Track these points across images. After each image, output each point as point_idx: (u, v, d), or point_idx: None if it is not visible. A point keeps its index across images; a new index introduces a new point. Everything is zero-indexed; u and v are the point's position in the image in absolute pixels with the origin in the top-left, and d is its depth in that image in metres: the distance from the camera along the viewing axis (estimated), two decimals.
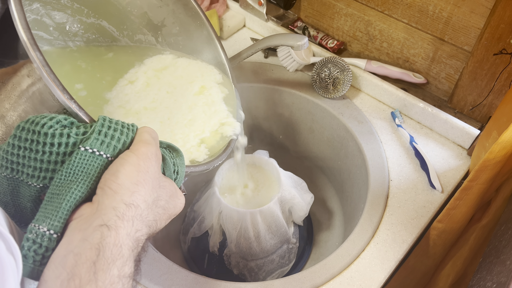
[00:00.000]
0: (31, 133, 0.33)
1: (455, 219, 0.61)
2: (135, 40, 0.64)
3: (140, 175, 0.32)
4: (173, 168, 0.39)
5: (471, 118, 0.77)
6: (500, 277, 0.50)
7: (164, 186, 0.35)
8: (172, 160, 0.39)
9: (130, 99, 0.55)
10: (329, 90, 0.79)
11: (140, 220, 0.31)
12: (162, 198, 0.34)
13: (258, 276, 0.74)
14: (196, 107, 0.57)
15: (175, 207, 0.36)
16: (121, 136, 0.35)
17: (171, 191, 0.36)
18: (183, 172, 0.41)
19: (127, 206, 0.30)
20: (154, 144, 0.35)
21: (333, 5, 0.84)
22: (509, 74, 0.66)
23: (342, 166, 0.83)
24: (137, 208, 0.31)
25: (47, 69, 0.35)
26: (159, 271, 0.58)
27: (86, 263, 0.27)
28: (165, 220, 0.36)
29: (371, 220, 0.63)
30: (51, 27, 0.57)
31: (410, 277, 0.71)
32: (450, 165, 0.70)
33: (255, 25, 0.94)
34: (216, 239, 0.74)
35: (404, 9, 0.74)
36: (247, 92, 0.84)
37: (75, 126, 0.35)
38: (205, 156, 0.53)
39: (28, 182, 0.34)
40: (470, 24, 0.67)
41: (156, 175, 0.34)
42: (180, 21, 0.64)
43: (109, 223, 0.29)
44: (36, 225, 0.31)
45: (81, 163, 0.33)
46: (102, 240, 0.28)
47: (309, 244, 0.82)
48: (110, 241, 0.28)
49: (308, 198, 0.73)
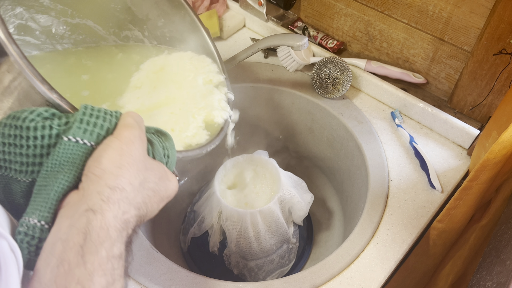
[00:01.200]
0: (13, 128, 0.33)
1: (455, 219, 0.61)
2: (122, 37, 0.65)
3: (124, 158, 0.32)
4: (163, 152, 0.39)
5: (471, 118, 0.77)
6: (500, 277, 0.50)
7: (152, 169, 0.35)
8: (161, 144, 0.39)
9: (144, 101, 0.56)
10: (329, 90, 0.79)
11: (126, 202, 0.31)
12: (150, 180, 0.34)
13: (258, 276, 0.74)
14: (196, 96, 0.59)
15: (166, 189, 0.36)
16: (104, 123, 0.35)
17: (160, 173, 0.36)
18: (174, 156, 0.41)
19: (111, 190, 0.30)
20: (138, 127, 0.35)
21: (333, 5, 0.84)
22: (509, 74, 0.66)
23: (342, 166, 0.83)
24: (123, 190, 0.31)
25: (25, 61, 0.35)
26: (159, 271, 0.58)
27: (73, 248, 0.28)
28: (157, 203, 0.36)
29: (371, 220, 0.63)
30: (37, 31, 0.58)
31: (410, 277, 0.71)
32: (450, 165, 0.70)
33: (255, 25, 0.94)
34: (216, 239, 0.74)
35: (404, 9, 0.74)
36: (247, 92, 0.84)
37: (57, 117, 0.35)
38: (207, 137, 0.54)
39: (17, 178, 0.34)
40: (470, 24, 0.67)
41: (141, 158, 0.34)
42: (165, 13, 0.64)
43: (94, 208, 0.29)
44: (27, 218, 0.32)
45: (65, 153, 0.33)
46: (88, 224, 0.28)
47: (309, 244, 0.82)
48: (96, 224, 0.29)
49: (308, 198, 0.73)
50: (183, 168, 0.91)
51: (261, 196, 0.72)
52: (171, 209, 0.87)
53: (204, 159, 0.93)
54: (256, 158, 0.76)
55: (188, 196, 0.89)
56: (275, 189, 0.72)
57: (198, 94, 0.59)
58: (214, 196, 0.70)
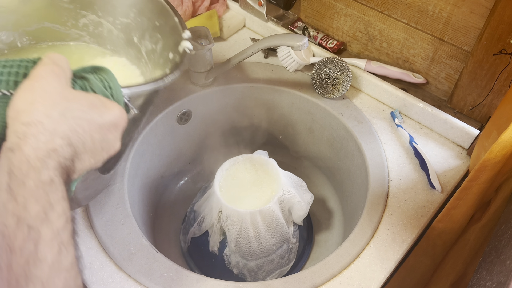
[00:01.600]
0: None
1: (455, 219, 0.61)
2: (82, 27, 0.65)
3: (36, 94, 0.33)
4: (103, 84, 0.39)
5: (471, 118, 0.77)
6: (500, 276, 0.50)
7: (76, 98, 0.35)
8: (99, 77, 0.40)
9: None
10: (329, 90, 0.79)
11: (47, 133, 0.32)
12: (76, 109, 0.34)
13: (258, 276, 0.74)
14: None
15: (102, 116, 0.36)
16: (19, 70, 0.35)
17: (90, 102, 0.36)
18: (118, 85, 0.41)
19: (26, 126, 0.31)
20: (51, 63, 0.35)
21: (333, 5, 0.84)
22: (508, 74, 0.66)
23: (342, 166, 0.83)
24: (39, 123, 0.32)
25: None
26: (159, 271, 0.58)
27: (2, 188, 0.30)
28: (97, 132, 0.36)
29: (370, 220, 0.63)
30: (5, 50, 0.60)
31: (410, 276, 0.71)
32: (449, 165, 0.70)
33: (255, 26, 0.94)
34: (216, 239, 0.74)
35: (403, 9, 0.74)
36: (247, 92, 0.84)
37: None
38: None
39: None
40: (469, 24, 0.67)
41: (58, 90, 0.34)
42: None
43: (12, 146, 0.31)
44: None
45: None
46: (9, 163, 0.30)
47: (309, 244, 0.82)
48: (15, 160, 0.30)
49: (308, 198, 0.74)
50: (183, 168, 0.91)
51: (261, 196, 0.72)
52: (171, 209, 0.87)
53: (204, 159, 0.93)
54: (256, 158, 0.76)
55: (188, 196, 0.89)
56: (275, 189, 0.72)
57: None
58: (214, 196, 0.70)
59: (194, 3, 0.91)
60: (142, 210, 0.75)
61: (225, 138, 0.92)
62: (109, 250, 0.60)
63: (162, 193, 0.88)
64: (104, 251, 0.60)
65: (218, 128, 0.90)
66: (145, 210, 0.76)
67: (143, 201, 0.76)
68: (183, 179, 0.93)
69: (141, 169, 0.76)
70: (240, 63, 0.79)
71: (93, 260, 0.59)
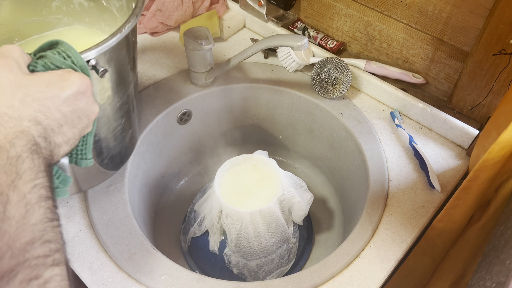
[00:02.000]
0: None
1: (455, 219, 0.61)
2: (56, 11, 0.66)
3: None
4: (61, 55, 0.40)
5: (471, 118, 0.77)
6: (499, 276, 0.50)
7: (32, 83, 0.37)
8: (56, 51, 0.40)
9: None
10: (329, 90, 0.79)
11: (13, 120, 0.34)
12: (35, 92, 0.36)
13: (258, 276, 0.74)
14: None
15: (62, 90, 0.38)
16: None
17: (47, 81, 0.38)
18: (76, 52, 0.42)
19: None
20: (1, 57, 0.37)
21: (332, 5, 0.85)
22: (508, 74, 0.66)
23: (342, 166, 0.83)
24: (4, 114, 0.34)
25: None
26: (159, 271, 0.58)
27: None
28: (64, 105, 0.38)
29: (370, 220, 0.63)
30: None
31: (410, 276, 0.71)
32: (449, 165, 0.70)
33: (255, 26, 0.94)
34: (216, 239, 0.74)
35: (403, 10, 0.74)
36: (247, 92, 0.85)
37: None
38: None
39: None
40: (469, 24, 0.68)
41: (12, 81, 0.36)
42: None
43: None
44: None
45: None
46: None
47: (309, 243, 0.82)
48: None
49: (308, 198, 0.74)
50: (183, 168, 0.91)
51: (261, 196, 0.72)
52: (171, 209, 0.87)
53: (204, 159, 0.93)
54: (256, 158, 0.76)
55: (188, 196, 0.89)
56: (275, 189, 0.72)
57: None
58: (214, 196, 0.71)
59: (194, 4, 0.91)
60: (143, 210, 0.75)
61: (225, 138, 0.92)
62: (110, 250, 0.60)
63: (162, 193, 0.88)
64: (104, 251, 0.61)
65: (218, 128, 0.90)
66: (145, 210, 0.77)
67: (144, 201, 0.77)
68: (183, 179, 0.93)
69: (141, 169, 0.76)
70: (240, 64, 0.80)
71: (94, 260, 0.59)
